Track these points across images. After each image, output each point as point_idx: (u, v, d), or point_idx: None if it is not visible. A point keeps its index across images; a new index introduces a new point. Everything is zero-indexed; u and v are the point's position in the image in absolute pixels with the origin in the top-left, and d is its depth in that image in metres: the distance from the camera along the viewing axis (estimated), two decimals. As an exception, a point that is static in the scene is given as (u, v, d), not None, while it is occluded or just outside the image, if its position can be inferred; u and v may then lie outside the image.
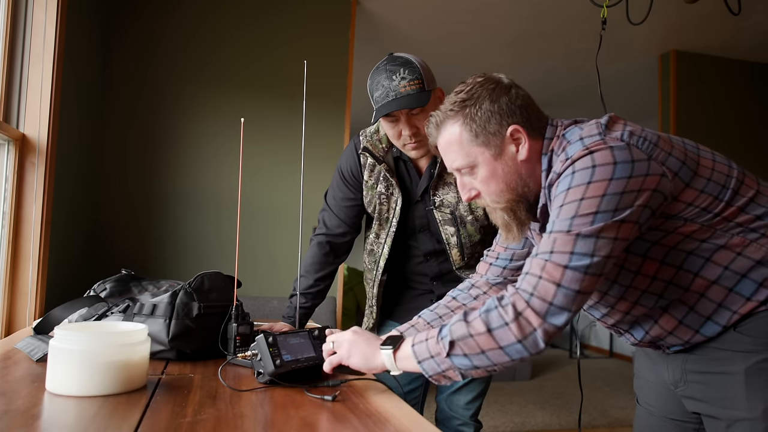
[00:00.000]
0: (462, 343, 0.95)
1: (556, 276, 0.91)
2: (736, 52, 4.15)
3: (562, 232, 0.93)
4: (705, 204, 0.99)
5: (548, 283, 0.91)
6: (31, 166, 1.98)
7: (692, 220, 0.99)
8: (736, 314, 1.00)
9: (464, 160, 1.08)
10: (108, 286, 1.39)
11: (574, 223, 0.93)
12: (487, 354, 0.94)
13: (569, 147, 1.01)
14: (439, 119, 1.10)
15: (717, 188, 1.00)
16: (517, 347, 0.93)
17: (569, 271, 0.91)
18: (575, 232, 0.92)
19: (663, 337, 1.08)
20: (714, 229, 0.99)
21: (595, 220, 0.92)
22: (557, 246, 0.93)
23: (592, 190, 0.93)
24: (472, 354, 0.95)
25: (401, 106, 1.39)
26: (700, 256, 1.00)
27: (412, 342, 1.01)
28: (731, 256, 0.99)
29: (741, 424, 0.99)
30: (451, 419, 1.67)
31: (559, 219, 0.95)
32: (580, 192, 0.94)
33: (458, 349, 0.95)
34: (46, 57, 2.01)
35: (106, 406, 0.89)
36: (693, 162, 1.00)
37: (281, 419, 0.88)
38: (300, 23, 3.19)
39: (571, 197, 0.94)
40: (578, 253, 0.91)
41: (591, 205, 0.92)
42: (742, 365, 0.99)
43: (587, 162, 0.95)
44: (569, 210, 0.94)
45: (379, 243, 1.65)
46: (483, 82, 1.08)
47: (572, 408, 4.00)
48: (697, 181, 0.99)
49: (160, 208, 2.95)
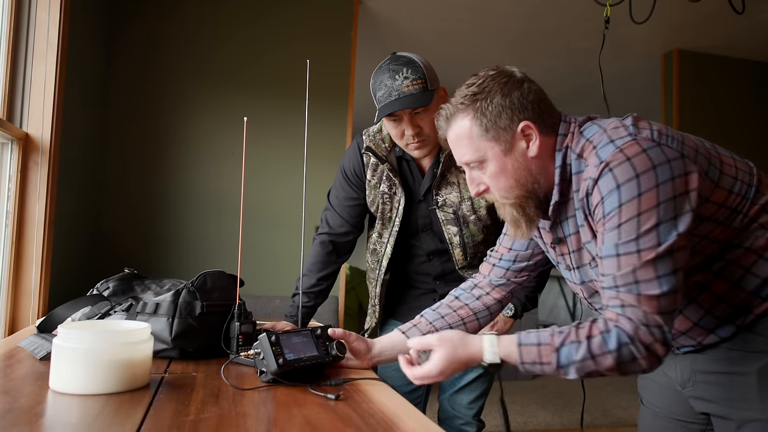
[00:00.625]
0: (580, 371, 0.94)
1: (655, 305, 0.90)
2: (740, 51, 4.14)
3: (632, 253, 0.91)
4: (735, 204, 0.97)
5: (652, 315, 0.91)
6: (35, 166, 1.99)
7: (723, 223, 0.97)
8: (751, 315, 0.98)
9: (473, 155, 1.06)
10: (111, 285, 1.39)
11: (641, 243, 0.91)
12: (601, 372, 0.94)
13: (600, 150, 0.98)
14: (450, 112, 1.08)
15: (744, 187, 0.98)
16: (638, 372, 0.94)
17: (663, 298, 0.90)
18: (650, 257, 0.90)
19: (675, 337, 1.06)
20: (740, 230, 0.98)
21: (660, 234, 0.90)
22: (640, 274, 0.91)
23: (646, 203, 0.91)
24: (586, 372, 0.94)
25: (404, 105, 1.39)
26: (722, 258, 0.99)
27: (519, 341, 0.98)
28: (753, 259, 0.98)
29: (753, 425, 0.98)
30: (454, 418, 1.67)
31: (623, 243, 0.92)
32: (634, 207, 0.91)
33: (572, 370, 0.94)
34: (49, 56, 2.01)
35: (109, 404, 0.89)
36: (717, 160, 0.98)
37: (284, 418, 0.88)
38: (302, 22, 3.19)
39: (627, 215, 0.92)
40: (662, 275, 0.90)
41: (650, 219, 0.91)
42: (755, 365, 0.98)
43: (629, 172, 0.92)
44: (630, 229, 0.92)
45: (382, 243, 1.65)
46: (495, 76, 1.06)
47: (574, 408, 4.00)
48: (725, 180, 0.97)
49: (162, 207, 2.95)
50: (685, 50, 4.10)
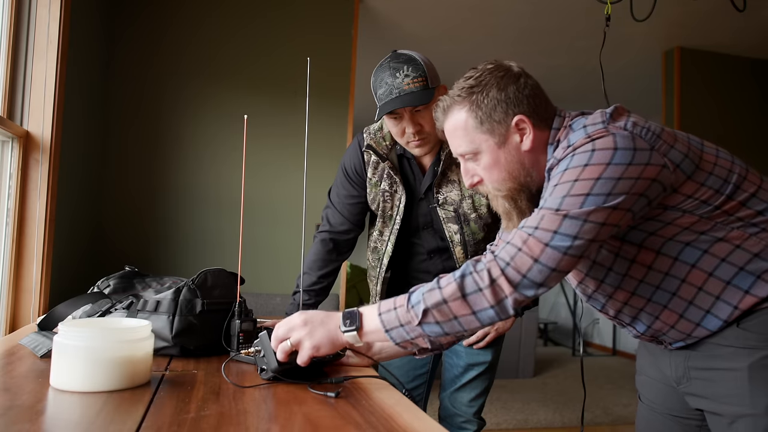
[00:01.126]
0: (435, 311, 0.95)
1: (535, 251, 0.92)
2: (741, 49, 4.14)
3: (551, 209, 0.94)
4: (705, 197, 0.99)
5: (526, 256, 0.93)
6: (35, 163, 1.99)
7: (691, 211, 0.99)
8: (737, 309, 0.99)
9: (468, 147, 1.09)
10: (111, 283, 1.39)
11: (564, 203, 0.93)
12: (459, 320, 0.95)
13: (572, 134, 1.02)
14: (447, 104, 1.11)
15: (718, 182, 1.00)
16: (489, 312, 0.94)
17: (549, 249, 0.92)
18: (564, 212, 0.93)
19: (665, 331, 1.07)
20: (713, 222, 1.00)
21: (586, 202, 0.92)
22: (543, 223, 0.94)
23: (588, 173, 0.93)
24: (444, 321, 0.95)
25: (405, 103, 1.39)
26: (697, 248, 1.00)
27: (378, 311, 1.00)
28: (729, 249, 0.99)
29: (744, 420, 0.99)
30: (454, 416, 1.67)
31: (551, 197, 0.95)
32: (575, 173, 0.94)
33: (431, 317, 0.95)
34: (49, 53, 2.01)
35: (110, 401, 0.89)
36: (696, 155, 1.00)
37: (284, 415, 0.88)
38: (303, 21, 3.19)
39: (567, 177, 0.95)
40: (562, 233, 0.92)
41: (584, 187, 0.93)
42: (746, 361, 0.99)
43: (588, 147, 0.96)
44: (562, 189, 0.95)
45: (383, 241, 1.65)
46: (492, 69, 1.09)
47: (575, 405, 4.00)
48: (699, 174, 0.99)
49: (163, 205, 2.95)
50: (686, 48, 4.10)
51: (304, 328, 1.02)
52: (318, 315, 1.04)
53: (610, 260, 1.06)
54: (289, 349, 1.02)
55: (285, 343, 1.02)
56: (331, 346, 1.02)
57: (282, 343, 1.02)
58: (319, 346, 1.01)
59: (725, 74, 4.21)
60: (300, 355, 1.01)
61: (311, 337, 1.01)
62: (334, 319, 1.03)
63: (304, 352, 1.01)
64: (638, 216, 0.98)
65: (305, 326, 1.02)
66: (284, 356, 1.02)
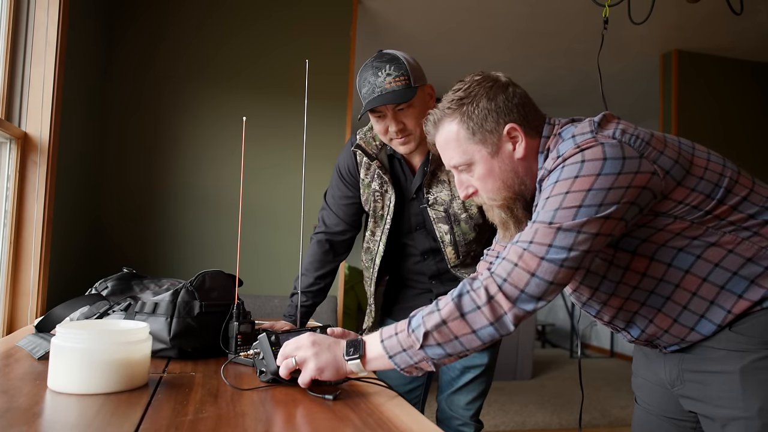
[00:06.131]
0: (436, 332, 0.95)
1: (531, 266, 0.92)
2: (738, 52, 4.15)
3: (545, 223, 0.94)
4: (696, 202, 0.99)
5: (523, 271, 0.93)
6: (33, 165, 1.98)
7: (682, 217, 0.99)
8: (730, 314, 0.99)
9: (461, 158, 1.09)
10: (109, 285, 1.39)
11: (557, 216, 0.93)
12: (460, 339, 0.95)
13: (561, 144, 1.02)
14: (437, 117, 1.11)
15: (709, 187, 1.00)
16: (489, 330, 0.94)
17: (545, 263, 0.92)
18: (557, 225, 0.93)
19: (659, 335, 1.08)
20: (705, 226, 1.00)
21: (578, 214, 0.92)
22: (537, 237, 0.94)
23: (579, 184, 0.94)
24: (445, 342, 0.95)
25: (385, 101, 1.40)
26: (690, 254, 1.00)
27: (381, 338, 1.00)
28: (722, 254, 0.99)
29: (737, 423, 0.99)
30: (452, 419, 1.67)
31: (544, 210, 0.96)
32: (566, 185, 0.95)
33: (431, 339, 0.95)
34: (48, 55, 2.01)
35: (107, 404, 0.89)
36: (686, 161, 1.01)
37: (282, 418, 0.88)
38: (301, 23, 3.19)
39: (558, 190, 0.95)
40: (557, 246, 0.92)
41: (575, 199, 0.93)
42: (737, 364, 0.99)
43: (577, 158, 0.96)
44: (554, 202, 0.95)
45: (375, 240, 1.65)
46: (480, 80, 1.09)
47: (573, 407, 4.00)
48: (689, 179, 0.99)
49: (161, 207, 2.95)
50: (684, 51, 4.11)
51: (312, 348, 1.02)
52: (327, 339, 1.04)
53: (604, 268, 1.06)
54: (293, 367, 1.02)
55: (289, 360, 1.02)
56: (334, 372, 1.01)
57: (287, 360, 1.02)
58: (323, 369, 1.01)
59: (724, 77, 4.22)
60: (302, 375, 1.01)
61: (317, 358, 1.01)
62: (341, 347, 1.03)
63: (307, 372, 1.01)
64: (630, 224, 0.98)
65: (313, 347, 1.02)
66: (287, 373, 1.02)
